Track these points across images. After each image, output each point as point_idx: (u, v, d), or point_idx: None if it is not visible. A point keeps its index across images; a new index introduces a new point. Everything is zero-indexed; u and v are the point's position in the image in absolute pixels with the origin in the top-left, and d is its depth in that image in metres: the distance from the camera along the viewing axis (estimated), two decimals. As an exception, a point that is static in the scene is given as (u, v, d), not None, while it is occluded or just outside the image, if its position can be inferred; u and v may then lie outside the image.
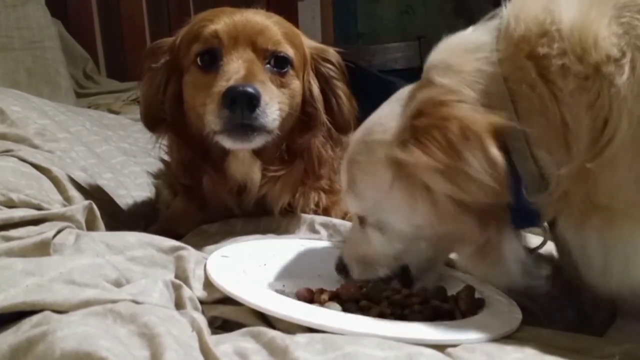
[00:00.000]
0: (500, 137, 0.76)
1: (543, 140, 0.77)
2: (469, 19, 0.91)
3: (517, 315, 0.83)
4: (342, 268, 0.97)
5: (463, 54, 0.83)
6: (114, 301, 0.75)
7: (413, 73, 0.98)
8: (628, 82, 0.70)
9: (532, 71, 0.76)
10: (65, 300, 0.74)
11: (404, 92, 0.91)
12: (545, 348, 0.73)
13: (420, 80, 0.87)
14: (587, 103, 0.72)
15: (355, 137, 0.95)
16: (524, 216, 0.81)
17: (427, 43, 3.10)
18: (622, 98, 0.70)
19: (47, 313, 0.71)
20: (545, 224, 0.86)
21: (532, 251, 0.89)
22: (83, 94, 2.68)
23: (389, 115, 0.89)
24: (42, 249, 0.88)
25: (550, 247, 0.92)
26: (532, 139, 0.77)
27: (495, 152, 0.75)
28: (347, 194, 0.93)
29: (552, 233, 0.84)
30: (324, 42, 1.29)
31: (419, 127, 0.79)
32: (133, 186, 1.49)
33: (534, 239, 0.94)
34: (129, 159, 1.60)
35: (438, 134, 0.77)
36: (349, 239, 0.99)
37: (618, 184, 0.72)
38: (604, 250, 0.76)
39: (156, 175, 1.44)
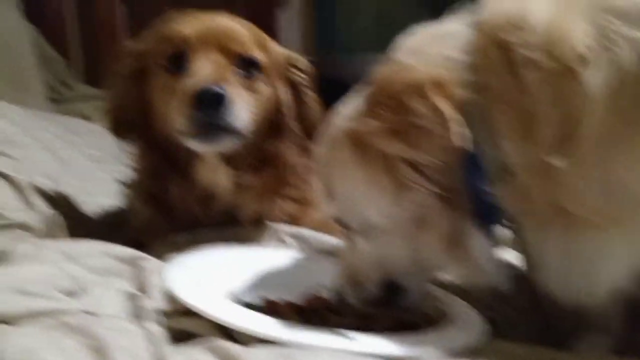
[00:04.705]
0: (449, 94, 0.76)
1: (507, 129, 0.75)
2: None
3: (482, 328, 0.82)
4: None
5: (432, 39, 0.83)
6: (65, 312, 0.73)
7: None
8: (598, 83, 0.69)
9: (500, 59, 0.75)
10: (14, 311, 0.72)
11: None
12: (507, 361, 0.72)
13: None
14: (553, 97, 0.71)
15: (323, 138, 0.92)
16: (486, 210, 0.79)
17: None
18: (591, 98, 0.69)
19: (-6, 324, 0.69)
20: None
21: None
22: (57, 100, 2.63)
23: (349, 104, 0.88)
24: (-5, 257, 0.85)
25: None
26: (497, 128, 0.76)
27: (438, 100, 0.75)
28: (326, 201, 0.91)
29: (516, 236, 0.82)
30: (304, 51, 1.29)
31: (372, 99, 0.81)
32: (99, 193, 1.45)
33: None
34: (96, 165, 1.57)
35: (386, 98, 0.78)
36: (340, 261, 0.95)
37: (584, 187, 0.71)
38: (565, 257, 0.74)
39: (128, 184, 1.41)
